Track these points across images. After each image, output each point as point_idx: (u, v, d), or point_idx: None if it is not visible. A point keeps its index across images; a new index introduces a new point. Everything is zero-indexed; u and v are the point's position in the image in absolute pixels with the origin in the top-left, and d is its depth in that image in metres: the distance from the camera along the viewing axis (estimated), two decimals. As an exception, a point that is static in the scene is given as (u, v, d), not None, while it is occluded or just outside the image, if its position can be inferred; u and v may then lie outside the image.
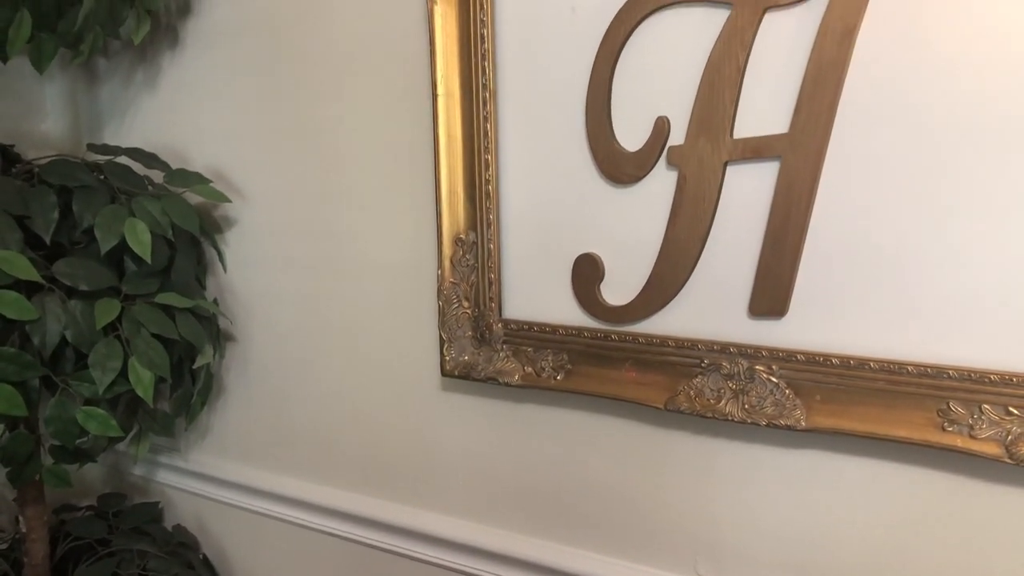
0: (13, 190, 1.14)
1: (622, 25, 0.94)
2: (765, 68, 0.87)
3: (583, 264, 1.01)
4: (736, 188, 0.90)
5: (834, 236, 0.85)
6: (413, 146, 1.13)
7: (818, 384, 0.87)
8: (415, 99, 1.12)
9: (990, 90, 0.76)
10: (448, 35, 1.05)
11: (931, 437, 0.81)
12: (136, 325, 1.16)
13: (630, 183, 0.97)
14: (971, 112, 0.77)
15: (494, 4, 1.03)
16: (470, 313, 1.10)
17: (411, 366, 1.19)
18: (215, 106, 1.33)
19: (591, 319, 1.01)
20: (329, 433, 1.31)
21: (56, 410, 1.13)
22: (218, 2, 1.30)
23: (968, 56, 0.76)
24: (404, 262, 1.17)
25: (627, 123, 0.96)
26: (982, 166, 0.77)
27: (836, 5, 0.81)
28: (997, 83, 0.75)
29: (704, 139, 0.91)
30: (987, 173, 0.77)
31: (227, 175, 1.34)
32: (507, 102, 1.04)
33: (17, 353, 1.08)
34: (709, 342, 0.93)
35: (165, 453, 1.52)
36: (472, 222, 1.08)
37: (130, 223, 1.16)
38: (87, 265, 1.15)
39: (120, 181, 1.22)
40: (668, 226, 0.94)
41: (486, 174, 1.06)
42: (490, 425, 1.14)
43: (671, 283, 0.95)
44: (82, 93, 1.51)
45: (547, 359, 1.04)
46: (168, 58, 1.37)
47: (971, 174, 0.78)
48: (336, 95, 1.20)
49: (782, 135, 0.86)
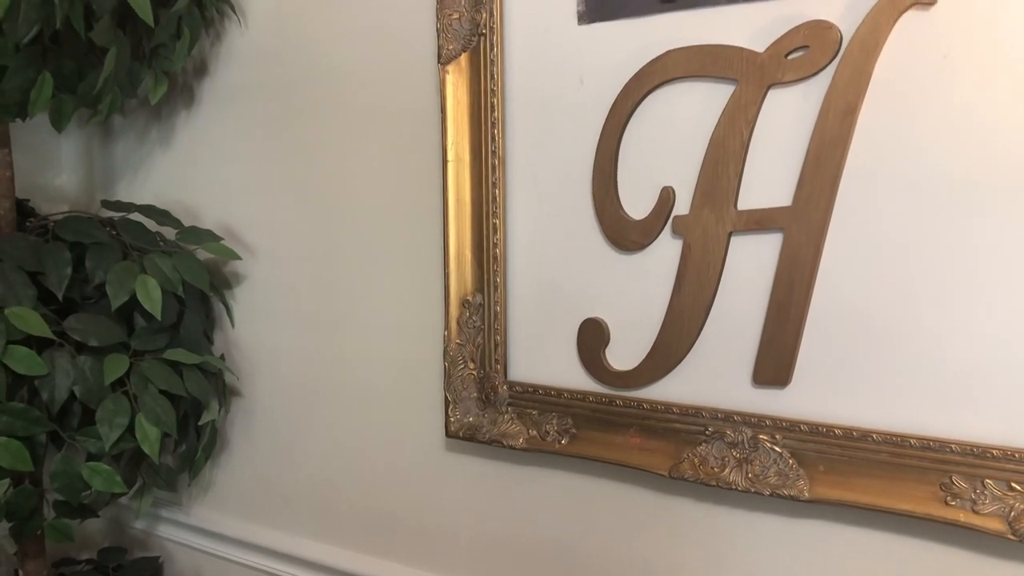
0: (28, 246, 1.16)
1: (629, 98, 0.96)
2: (769, 142, 0.89)
3: (588, 329, 1.02)
4: (740, 258, 0.92)
5: (837, 307, 0.86)
6: (422, 208, 1.15)
7: (821, 455, 0.87)
8: (425, 163, 1.14)
9: (993, 163, 0.78)
10: (459, 102, 1.08)
11: (934, 511, 0.81)
12: (144, 381, 1.17)
13: (635, 250, 0.98)
14: (974, 186, 0.79)
15: (504, 74, 1.05)
16: (475, 375, 1.11)
17: (415, 426, 1.20)
18: (228, 164, 1.36)
19: (596, 383, 1.02)
20: (331, 491, 1.31)
21: (62, 465, 1.13)
22: (234, 64, 1.33)
23: (971, 130, 0.78)
24: (410, 322, 1.19)
25: (633, 192, 0.98)
26: (985, 239, 0.79)
27: (839, 83, 0.84)
28: (1000, 156, 0.77)
29: (708, 210, 0.92)
30: (991, 246, 0.79)
31: (237, 232, 1.36)
32: (515, 168, 1.06)
33: (25, 408, 1.09)
34: (713, 410, 0.94)
35: (166, 507, 1.51)
36: (479, 284, 1.09)
37: (141, 280, 1.17)
38: (97, 321, 1.16)
39: (132, 238, 1.24)
40: (673, 294, 0.96)
41: (494, 238, 1.07)
42: (493, 487, 1.14)
43: (676, 350, 0.96)
44: (97, 149, 1.54)
45: (552, 423, 1.05)
46: (183, 117, 1.40)
47: (975, 247, 0.79)
48: (347, 156, 1.23)
49: (785, 208, 0.88)
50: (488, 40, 1.05)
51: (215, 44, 1.34)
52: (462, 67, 1.07)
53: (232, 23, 1.32)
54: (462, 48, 1.07)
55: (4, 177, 1.24)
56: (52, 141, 1.56)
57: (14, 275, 1.10)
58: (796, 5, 0.86)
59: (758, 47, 0.88)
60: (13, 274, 1.10)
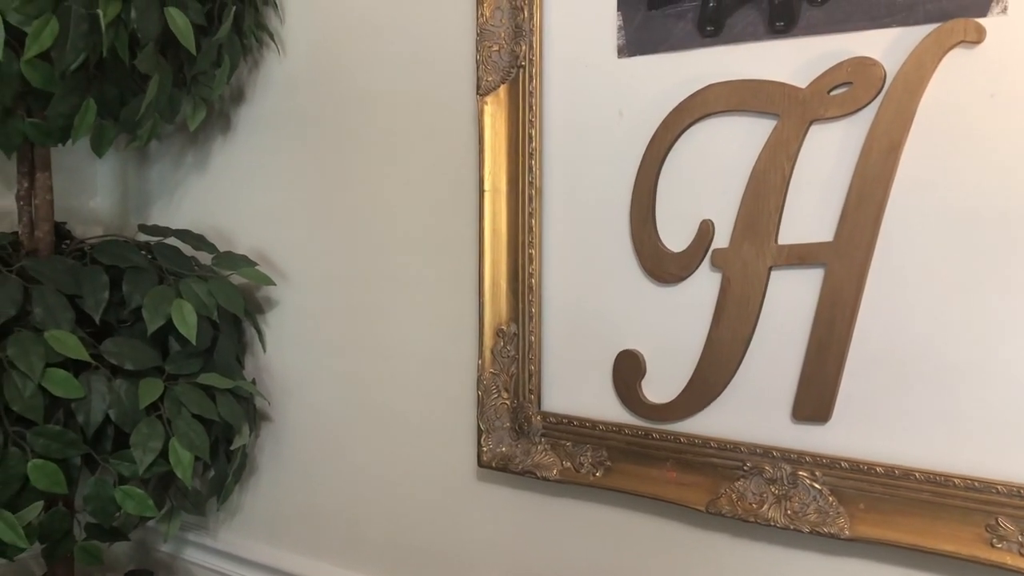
0: (66, 269, 1.17)
1: (668, 131, 0.97)
2: (810, 177, 0.89)
3: (624, 360, 1.02)
4: (780, 293, 0.91)
5: (880, 344, 0.86)
6: (456, 237, 1.16)
7: (862, 492, 0.87)
8: (461, 192, 1.15)
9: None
10: (497, 133, 1.09)
11: (979, 553, 0.80)
12: (178, 405, 1.18)
13: (673, 283, 0.98)
14: (1019, 225, 0.78)
15: (543, 105, 1.06)
16: (509, 404, 1.10)
17: (447, 455, 1.19)
18: (263, 191, 1.37)
19: (632, 416, 1.02)
20: (360, 518, 1.31)
21: (95, 488, 1.14)
22: (271, 91, 1.35)
23: (1016, 169, 0.78)
24: (444, 350, 1.19)
25: (671, 224, 0.98)
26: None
27: (882, 120, 0.84)
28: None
29: (748, 244, 0.92)
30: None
31: (271, 257, 1.37)
32: (552, 199, 1.07)
33: (61, 431, 1.09)
34: (752, 445, 0.93)
35: (193, 531, 1.51)
36: (514, 314, 1.09)
37: (177, 304, 1.18)
38: (133, 344, 1.17)
39: (168, 262, 1.25)
40: (712, 327, 0.95)
41: (529, 268, 1.07)
42: (526, 519, 1.13)
43: (714, 384, 0.96)
44: (132, 172, 1.56)
45: (586, 454, 1.04)
46: (219, 143, 1.42)
47: (1019, 286, 0.79)
48: (382, 184, 1.23)
49: (827, 244, 0.88)
50: (527, 72, 1.06)
51: (253, 72, 1.36)
52: (501, 98, 1.08)
53: (270, 51, 1.34)
54: (501, 79, 1.08)
55: (44, 200, 1.25)
56: (88, 164, 1.58)
57: (53, 298, 1.11)
58: (839, 41, 0.86)
59: (800, 83, 0.88)
60: (52, 297, 1.11)
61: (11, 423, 1.08)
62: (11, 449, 1.07)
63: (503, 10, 1.06)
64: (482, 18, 1.08)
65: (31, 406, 1.07)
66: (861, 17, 0.85)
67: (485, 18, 1.07)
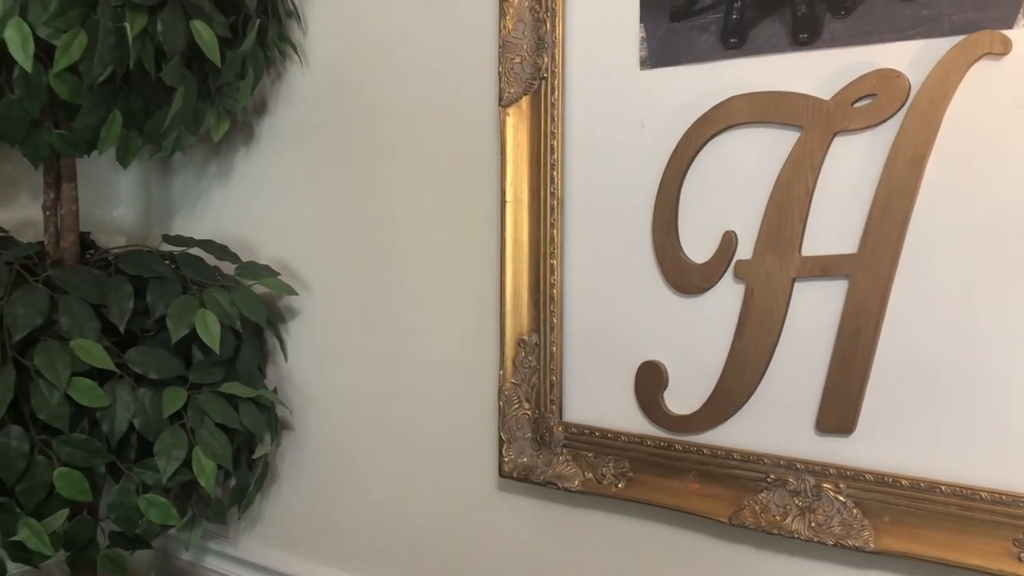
0: (91, 279, 1.18)
1: (691, 142, 0.97)
2: (834, 189, 0.89)
3: (647, 372, 1.02)
4: (804, 304, 0.91)
5: (905, 356, 0.86)
6: (477, 248, 1.16)
7: (887, 505, 0.86)
8: (482, 203, 1.15)
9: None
10: (519, 145, 1.09)
11: (1007, 567, 0.80)
12: (201, 414, 1.18)
13: (696, 294, 0.98)
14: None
15: (565, 116, 1.06)
16: (530, 415, 1.10)
17: (468, 465, 1.20)
18: (285, 201, 1.38)
19: (654, 427, 1.02)
20: (381, 527, 1.31)
21: (119, 497, 1.15)
22: (294, 103, 1.36)
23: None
24: (465, 361, 1.19)
25: (694, 235, 0.98)
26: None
27: (907, 132, 0.84)
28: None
29: (772, 255, 0.92)
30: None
31: (293, 267, 1.38)
32: (574, 210, 1.07)
33: (86, 440, 1.10)
34: (775, 457, 0.93)
35: (214, 539, 1.52)
36: (535, 324, 1.10)
37: (201, 314, 1.19)
38: (157, 354, 1.18)
39: (192, 272, 1.26)
40: (735, 338, 0.95)
41: (551, 278, 1.08)
42: (547, 529, 1.13)
43: (737, 395, 0.96)
44: (155, 182, 1.57)
45: (608, 466, 1.04)
46: (242, 153, 1.43)
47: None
48: (403, 195, 1.24)
49: (851, 255, 0.88)
50: (549, 84, 1.06)
51: (276, 83, 1.37)
52: (523, 110, 1.09)
53: (293, 63, 1.35)
54: (523, 91, 1.08)
55: (69, 211, 1.26)
56: (111, 174, 1.59)
57: (79, 308, 1.12)
58: (863, 54, 0.86)
59: (824, 94, 0.88)
60: (78, 307, 1.12)
61: (37, 431, 1.09)
62: (37, 457, 1.08)
63: (525, 23, 1.07)
64: (504, 31, 1.08)
65: (57, 415, 1.08)
66: (885, 29, 0.85)
67: (507, 31, 1.08)
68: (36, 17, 1.02)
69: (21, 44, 1.01)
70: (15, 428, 1.07)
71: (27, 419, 1.09)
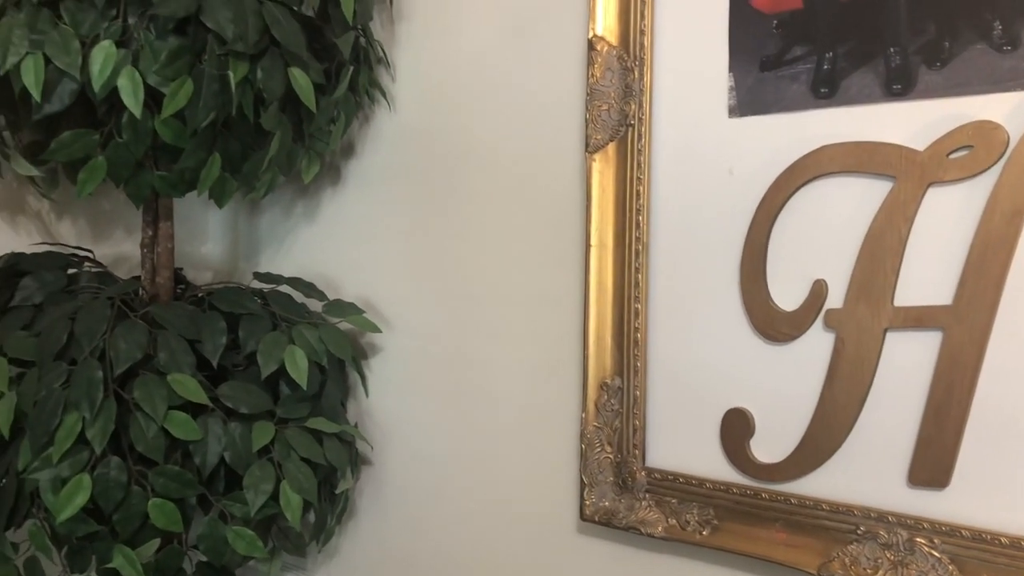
0: (187, 315, 1.22)
1: (781, 190, 0.97)
2: (928, 240, 0.88)
3: (733, 419, 1.02)
4: (896, 355, 0.91)
5: (1003, 409, 0.84)
6: (560, 290, 1.18)
7: (985, 563, 0.85)
8: (565, 246, 1.17)
9: None
10: (604, 189, 1.11)
11: (1114, 632, 0.78)
12: (287, 449, 1.21)
13: (784, 341, 0.98)
14: None
15: (651, 162, 1.08)
16: (612, 458, 1.11)
17: (548, 507, 1.20)
18: (370, 240, 1.41)
19: (739, 475, 1.01)
20: (459, 566, 1.32)
21: (209, 528, 1.17)
22: (380, 146, 1.39)
23: None
24: (545, 402, 1.20)
25: (782, 283, 0.98)
26: None
27: (1005, 184, 0.83)
28: None
29: (863, 305, 0.92)
30: None
31: (375, 304, 1.41)
32: (659, 254, 1.08)
33: (180, 472, 1.14)
34: (865, 509, 0.92)
35: (293, 571, 1.55)
36: (619, 368, 1.10)
37: (290, 350, 1.22)
38: (248, 389, 1.21)
39: (281, 309, 1.30)
40: (824, 387, 0.95)
41: (635, 322, 1.09)
42: (628, 575, 1.13)
43: (826, 445, 0.95)
44: (243, 220, 1.62)
45: (692, 512, 1.04)
46: (329, 193, 1.47)
47: None
48: (486, 236, 1.26)
49: (945, 307, 0.87)
50: (636, 131, 1.08)
51: (364, 126, 1.41)
52: (609, 156, 1.10)
53: (381, 107, 1.39)
54: (610, 138, 1.10)
55: (165, 248, 1.31)
56: (200, 211, 1.65)
57: (176, 343, 1.16)
58: (959, 105, 0.86)
59: (917, 145, 0.88)
60: (175, 342, 1.16)
61: (133, 462, 1.13)
62: (134, 488, 1.12)
63: (613, 71, 1.09)
64: (592, 79, 1.10)
65: (154, 447, 1.11)
66: (982, 81, 0.85)
67: (596, 79, 1.10)
68: (147, 66, 1.07)
69: (132, 91, 1.06)
70: (114, 459, 1.11)
71: (124, 450, 1.13)
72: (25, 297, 1.24)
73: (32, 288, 1.25)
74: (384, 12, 1.37)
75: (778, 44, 0.98)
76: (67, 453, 1.07)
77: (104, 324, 1.14)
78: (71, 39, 1.04)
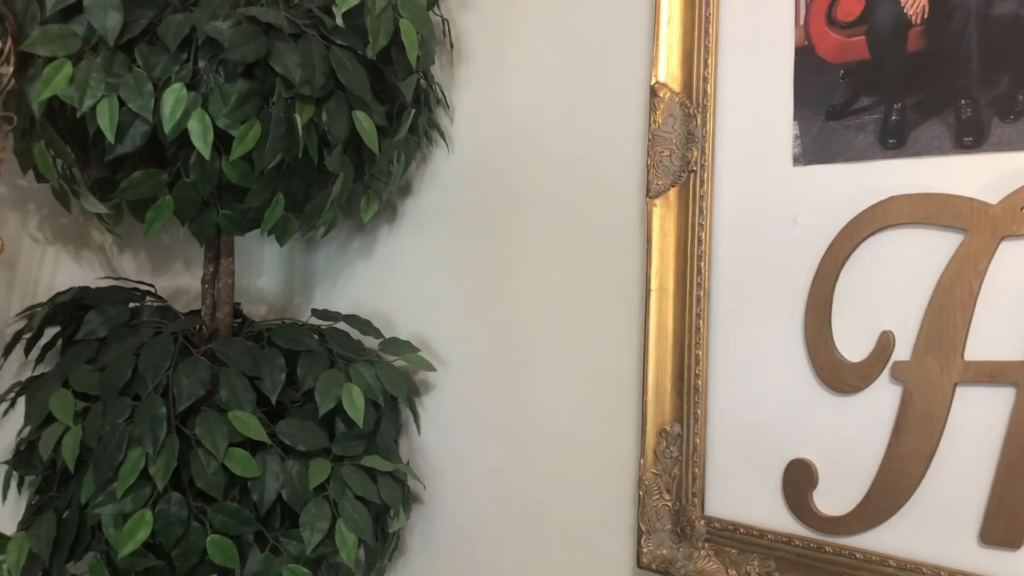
0: (246, 351, 1.24)
1: (847, 240, 0.97)
2: (1000, 294, 0.87)
3: (796, 470, 1.00)
4: (966, 410, 0.89)
5: (1079, 471, 0.82)
6: (619, 335, 1.17)
7: (1062, 628, 0.82)
8: (624, 291, 1.17)
9: None
10: (665, 235, 1.10)
11: None
12: (343, 487, 1.22)
13: (850, 393, 0.97)
14: None
15: (713, 209, 1.07)
16: (671, 506, 1.10)
17: (603, 553, 1.19)
18: (425, 279, 1.43)
19: (802, 527, 1.00)
20: (510, 608, 1.32)
21: (264, 565, 1.18)
22: (438, 186, 1.41)
23: None
24: (601, 447, 1.20)
25: (848, 333, 0.97)
26: None
27: (1082, 240, 0.82)
28: None
29: (932, 358, 0.91)
30: None
31: (429, 343, 1.42)
32: (720, 301, 1.07)
33: (238, 508, 1.15)
34: (934, 567, 0.90)
35: (340, 607, 1.55)
36: (678, 415, 1.09)
37: (347, 388, 1.23)
38: (305, 426, 1.22)
39: (338, 346, 1.31)
40: (891, 441, 0.93)
41: (696, 369, 1.08)
42: (686, 624, 1.12)
43: (892, 499, 0.93)
44: (299, 256, 1.65)
45: (752, 563, 1.02)
46: (385, 232, 1.49)
47: None
48: (544, 279, 1.27)
49: (1019, 363, 0.86)
50: (698, 177, 1.08)
51: (421, 167, 1.43)
52: (670, 201, 1.10)
53: (439, 148, 1.40)
54: (671, 183, 1.10)
55: (226, 284, 1.33)
56: (257, 246, 1.67)
57: (237, 380, 1.18)
58: (1033, 158, 0.85)
59: (989, 198, 0.87)
60: (236, 379, 1.18)
61: (192, 498, 1.14)
62: (193, 524, 1.13)
63: (675, 117, 1.09)
64: (654, 124, 1.11)
65: (214, 483, 1.12)
66: (1058, 135, 0.84)
67: (657, 124, 1.10)
68: (216, 109, 1.09)
69: (202, 133, 1.08)
70: (175, 495, 1.12)
71: (184, 485, 1.14)
72: (90, 331, 1.26)
73: (96, 322, 1.27)
74: (444, 54, 1.39)
75: (844, 94, 0.97)
76: (130, 488, 1.09)
77: (168, 360, 1.16)
78: (144, 82, 1.07)
